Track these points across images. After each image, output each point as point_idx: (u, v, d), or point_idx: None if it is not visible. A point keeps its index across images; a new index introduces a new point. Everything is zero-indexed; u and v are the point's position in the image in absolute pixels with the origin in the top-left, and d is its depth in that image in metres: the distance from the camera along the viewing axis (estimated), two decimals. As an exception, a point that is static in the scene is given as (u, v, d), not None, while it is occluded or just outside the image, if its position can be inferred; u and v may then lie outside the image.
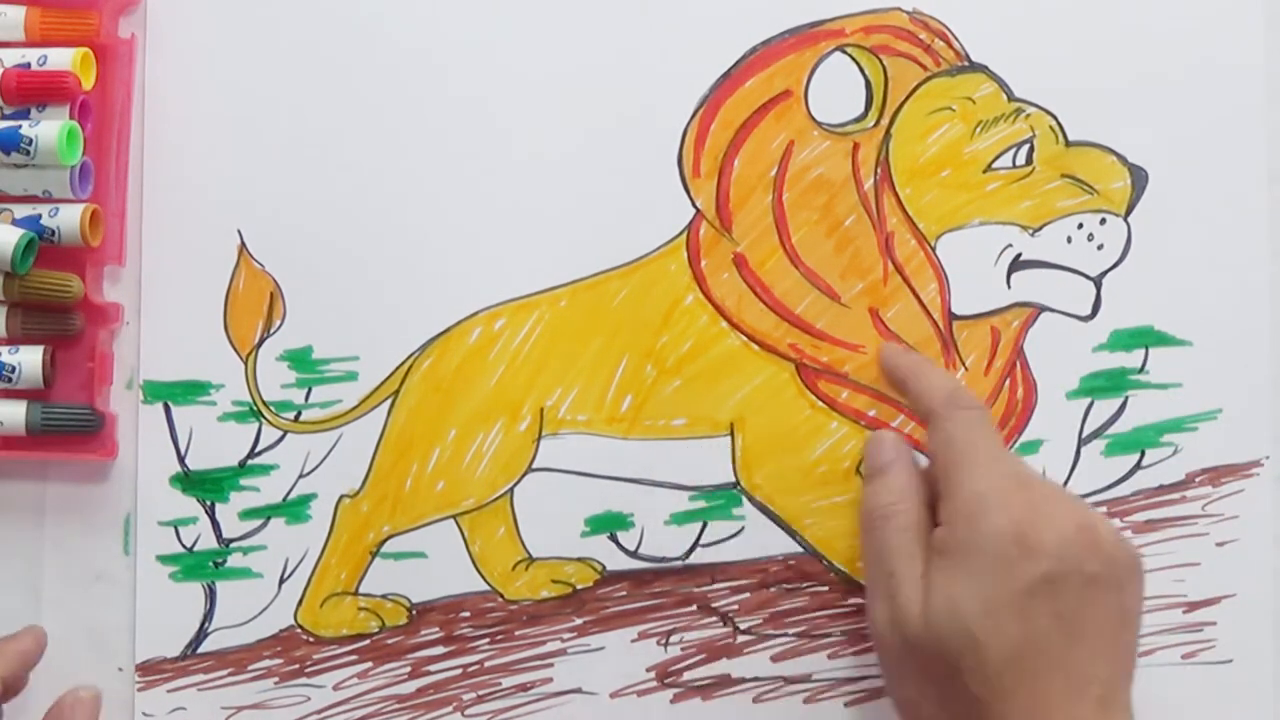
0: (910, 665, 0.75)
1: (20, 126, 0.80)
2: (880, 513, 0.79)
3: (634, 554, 0.86)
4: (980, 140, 0.86)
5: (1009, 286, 0.86)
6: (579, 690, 0.86)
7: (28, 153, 0.80)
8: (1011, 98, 0.86)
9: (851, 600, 0.86)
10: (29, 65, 0.82)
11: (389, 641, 0.86)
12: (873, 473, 0.81)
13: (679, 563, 0.86)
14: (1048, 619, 0.72)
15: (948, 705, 0.74)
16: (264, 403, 0.86)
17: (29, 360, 0.83)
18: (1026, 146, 0.86)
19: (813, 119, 0.86)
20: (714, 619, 0.86)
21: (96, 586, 0.86)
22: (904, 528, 0.77)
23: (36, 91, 0.82)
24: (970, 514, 0.74)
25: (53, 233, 0.82)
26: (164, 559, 0.86)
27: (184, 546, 0.86)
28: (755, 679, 0.86)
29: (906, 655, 0.75)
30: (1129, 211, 0.86)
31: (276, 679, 0.86)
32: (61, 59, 0.82)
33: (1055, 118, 0.86)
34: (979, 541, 0.73)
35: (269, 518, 0.86)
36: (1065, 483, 0.86)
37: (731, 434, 0.86)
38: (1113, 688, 0.73)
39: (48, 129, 0.80)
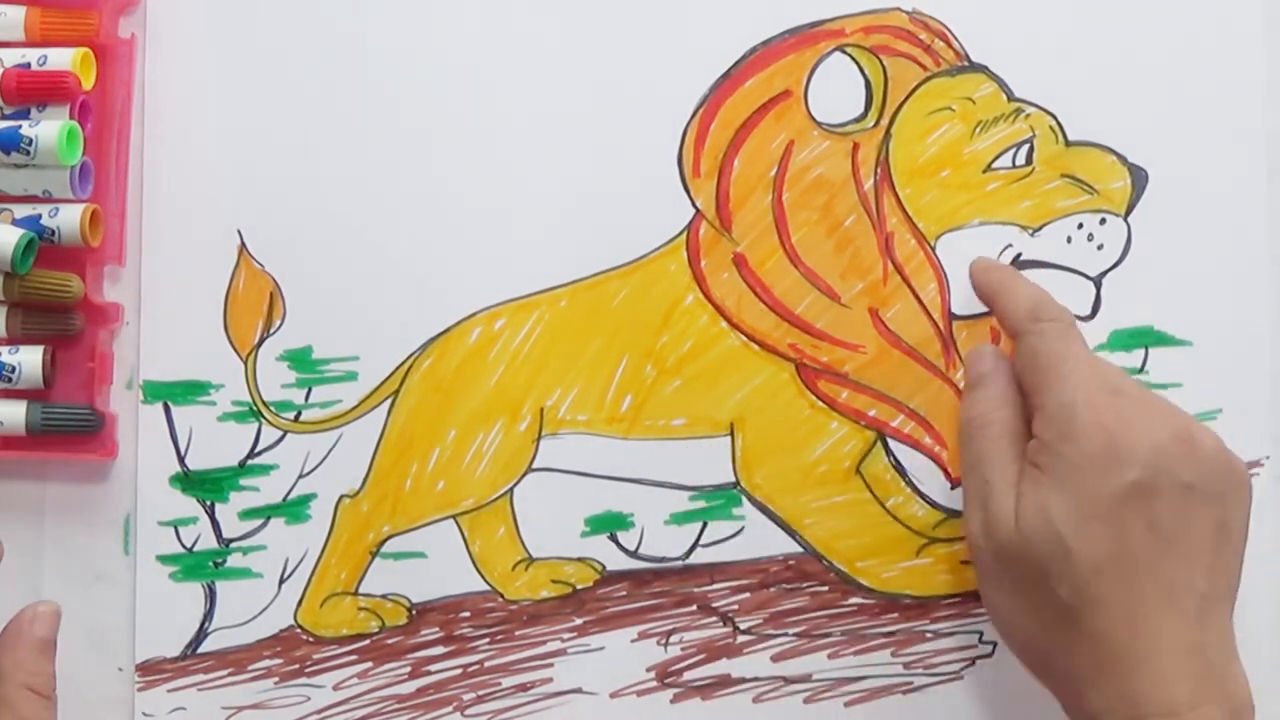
0: (1003, 573, 0.75)
1: (20, 126, 0.80)
2: (977, 422, 0.79)
3: (634, 554, 0.86)
4: (980, 140, 0.86)
5: (1009, 286, 0.86)
6: (579, 690, 0.86)
7: (28, 153, 0.80)
8: (1011, 98, 0.86)
9: (852, 600, 0.86)
10: (29, 65, 0.82)
11: (389, 641, 0.86)
12: (971, 383, 0.81)
13: (679, 563, 0.86)
14: (1140, 527, 0.72)
15: (1039, 612, 0.74)
16: (264, 403, 0.86)
17: (29, 360, 0.83)
18: (1026, 146, 0.86)
19: (813, 119, 0.86)
20: (714, 619, 0.86)
21: (96, 586, 0.86)
22: (998, 436, 0.77)
23: (36, 91, 0.82)
24: (1060, 424, 0.74)
25: (53, 233, 0.82)
26: (164, 559, 0.86)
27: (184, 546, 0.86)
28: (755, 679, 0.86)
29: (999, 563, 0.75)
30: (1129, 211, 0.86)
31: (276, 679, 0.86)
32: (61, 59, 0.82)
33: (1055, 118, 0.86)
34: (1068, 451, 0.73)
35: (269, 518, 0.86)
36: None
37: (731, 434, 0.86)
38: (1210, 601, 0.73)
39: (48, 129, 0.80)
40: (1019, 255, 0.85)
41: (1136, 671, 0.71)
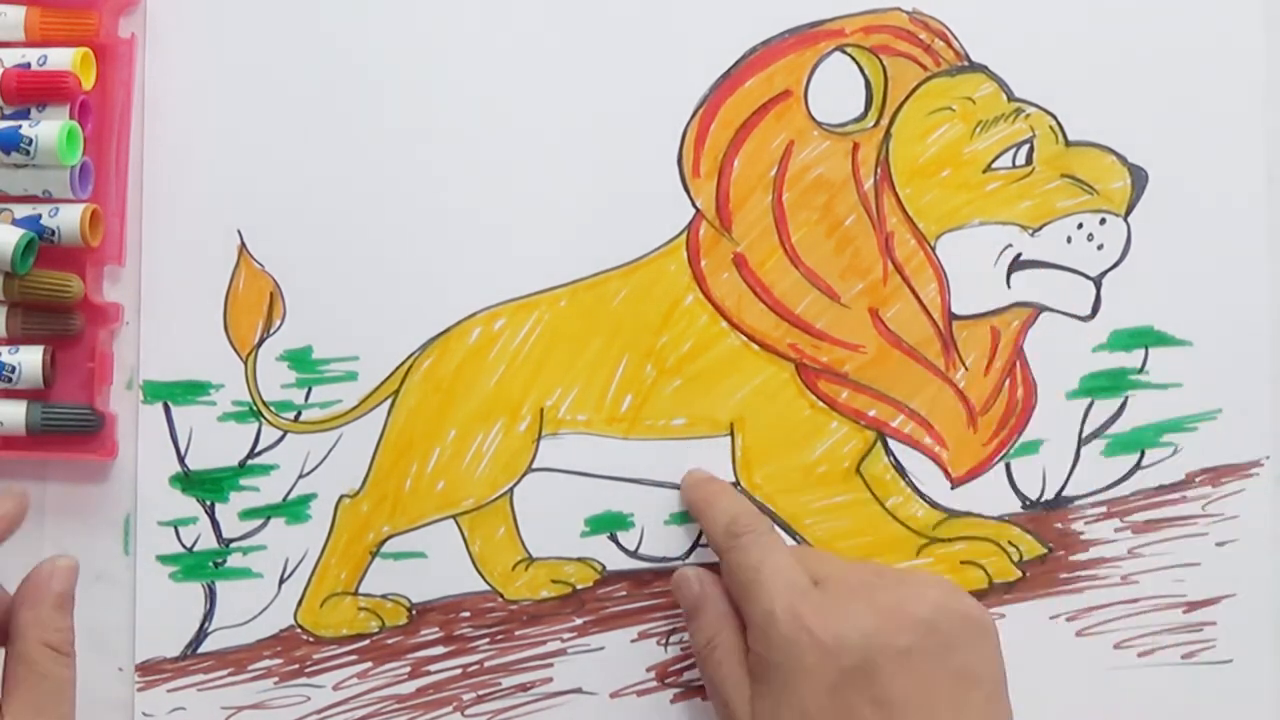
0: None
1: (20, 126, 0.80)
2: (705, 649, 0.79)
3: (634, 554, 0.86)
4: (980, 140, 0.86)
5: (1009, 286, 0.86)
6: (579, 690, 0.86)
7: (28, 153, 0.80)
8: (1011, 98, 0.86)
9: (851, 600, 0.86)
10: (29, 65, 0.82)
11: (389, 641, 0.86)
12: (688, 612, 0.81)
13: (679, 563, 0.86)
14: (867, 708, 0.72)
15: None
16: (264, 403, 0.86)
17: (29, 360, 0.83)
18: (1026, 146, 0.86)
19: (812, 119, 0.86)
20: (714, 619, 0.86)
21: (96, 586, 0.86)
22: (723, 659, 0.78)
23: (37, 91, 0.82)
24: (764, 634, 0.75)
25: (53, 233, 0.82)
26: (164, 559, 0.86)
27: (184, 546, 0.86)
28: (755, 679, 0.86)
29: None
30: (1129, 211, 0.86)
31: (276, 679, 0.86)
32: (61, 59, 0.82)
33: (1055, 118, 0.86)
34: (778, 658, 0.74)
35: (269, 518, 0.86)
36: (1065, 483, 0.86)
37: (731, 434, 0.86)
38: None
39: (48, 129, 0.80)
40: (1019, 255, 0.85)
41: None
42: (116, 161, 0.85)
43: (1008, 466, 0.86)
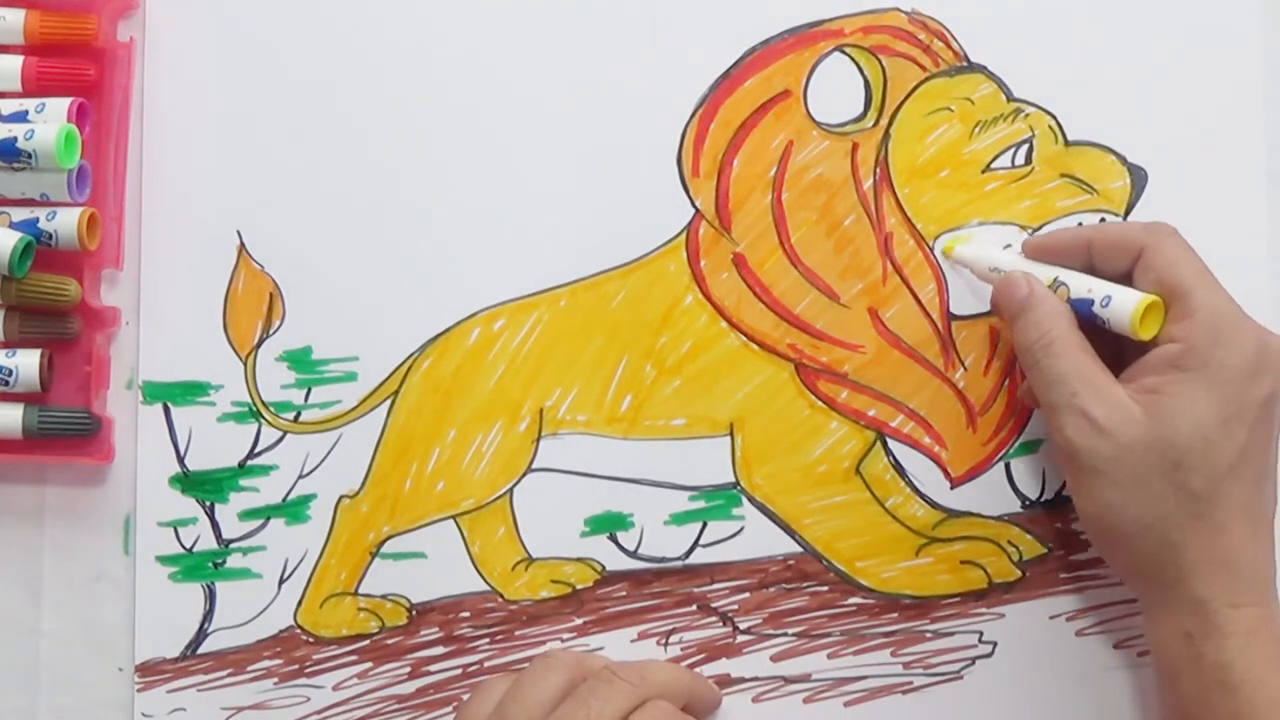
0: (1119, 469, 0.77)
1: (18, 131, 0.80)
2: (1039, 344, 0.79)
3: (634, 554, 0.86)
4: (979, 140, 0.86)
5: (1008, 286, 0.86)
6: (579, 690, 0.86)
7: (26, 156, 0.80)
8: (1010, 98, 0.86)
9: (851, 600, 0.86)
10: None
11: (389, 642, 0.86)
12: (1015, 313, 0.81)
13: (679, 563, 0.86)
14: (1272, 432, 0.78)
15: (1160, 503, 0.76)
16: (263, 403, 0.86)
17: (26, 363, 0.83)
18: (1025, 146, 0.86)
19: (812, 119, 0.86)
20: (714, 619, 0.86)
21: (96, 587, 0.86)
22: (1063, 352, 0.78)
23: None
24: (1212, 330, 0.77)
25: (50, 236, 0.82)
26: (164, 559, 0.86)
27: (184, 547, 0.86)
28: (755, 679, 0.86)
29: (1116, 459, 0.77)
30: (1128, 211, 0.86)
31: (276, 679, 0.86)
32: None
33: (1054, 118, 0.86)
34: (1220, 355, 0.76)
35: (268, 518, 0.86)
36: (1065, 483, 0.86)
37: (731, 434, 0.86)
38: None
39: (46, 132, 0.80)
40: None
41: (1244, 560, 0.76)
42: (115, 165, 0.85)
43: (1007, 466, 0.86)
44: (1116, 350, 0.79)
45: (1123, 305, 0.77)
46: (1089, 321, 0.79)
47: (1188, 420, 0.75)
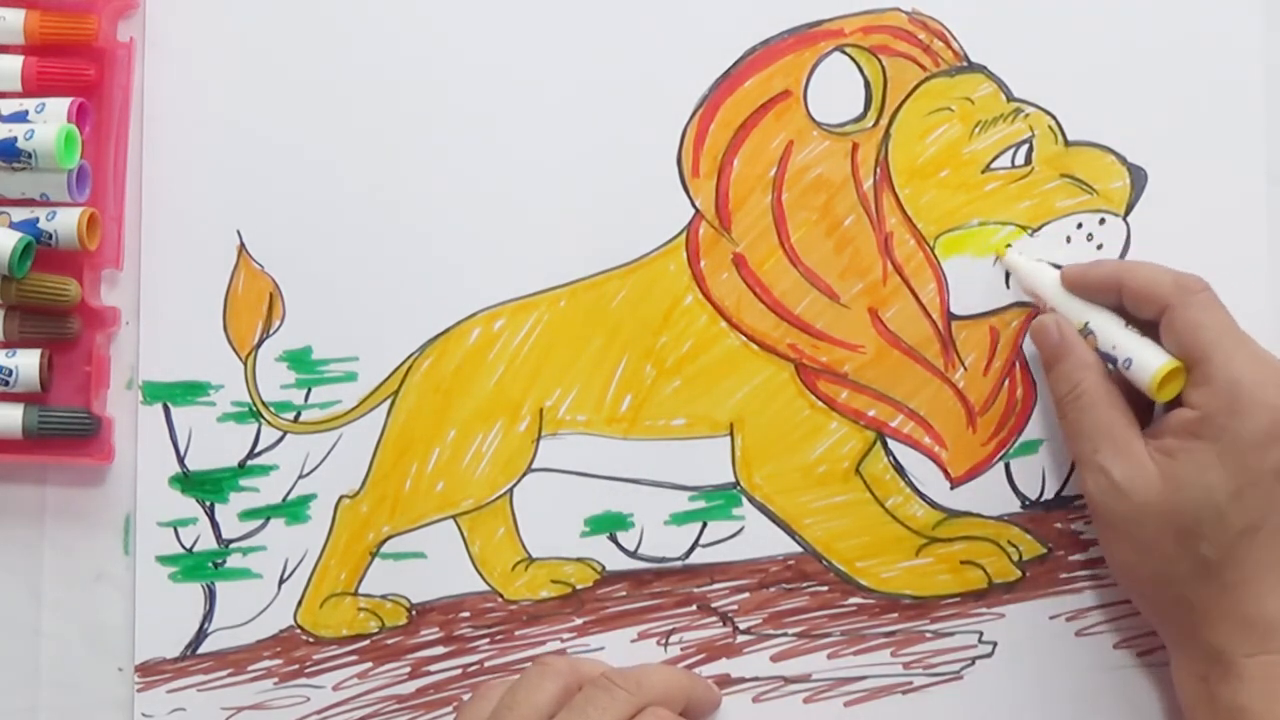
0: (1135, 528, 0.78)
1: (18, 130, 0.80)
2: (1069, 396, 0.81)
3: (634, 554, 0.86)
4: (979, 140, 0.86)
5: (1008, 286, 0.85)
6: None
7: (26, 156, 0.80)
8: (1010, 98, 0.86)
9: (851, 600, 0.86)
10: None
11: (389, 642, 0.86)
12: (1048, 360, 0.82)
13: (679, 563, 0.86)
14: None
15: (1173, 565, 0.78)
16: (263, 403, 0.86)
17: (26, 364, 0.83)
18: (1025, 146, 0.86)
19: (812, 119, 0.86)
20: (714, 619, 0.86)
21: (96, 587, 0.86)
22: (1091, 405, 0.80)
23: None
24: (1228, 399, 0.77)
25: (50, 236, 0.82)
26: (164, 559, 0.86)
27: (184, 547, 0.86)
28: (755, 679, 0.86)
29: (1132, 520, 0.78)
30: (1128, 211, 0.86)
31: (276, 679, 0.86)
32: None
33: (1054, 118, 0.86)
34: (1235, 425, 0.76)
35: (268, 518, 0.86)
36: (1065, 483, 0.86)
37: (731, 434, 0.86)
38: None
39: (46, 132, 0.80)
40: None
41: (1263, 613, 0.77)
42: (115, 165, 0.85)
43: (1007, 466, 0.86)
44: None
45: (1143, 370, 0.78)
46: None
47: (1199, 489, 0.76)
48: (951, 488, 0.86)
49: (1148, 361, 0.78)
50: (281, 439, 0.87)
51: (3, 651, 0.86)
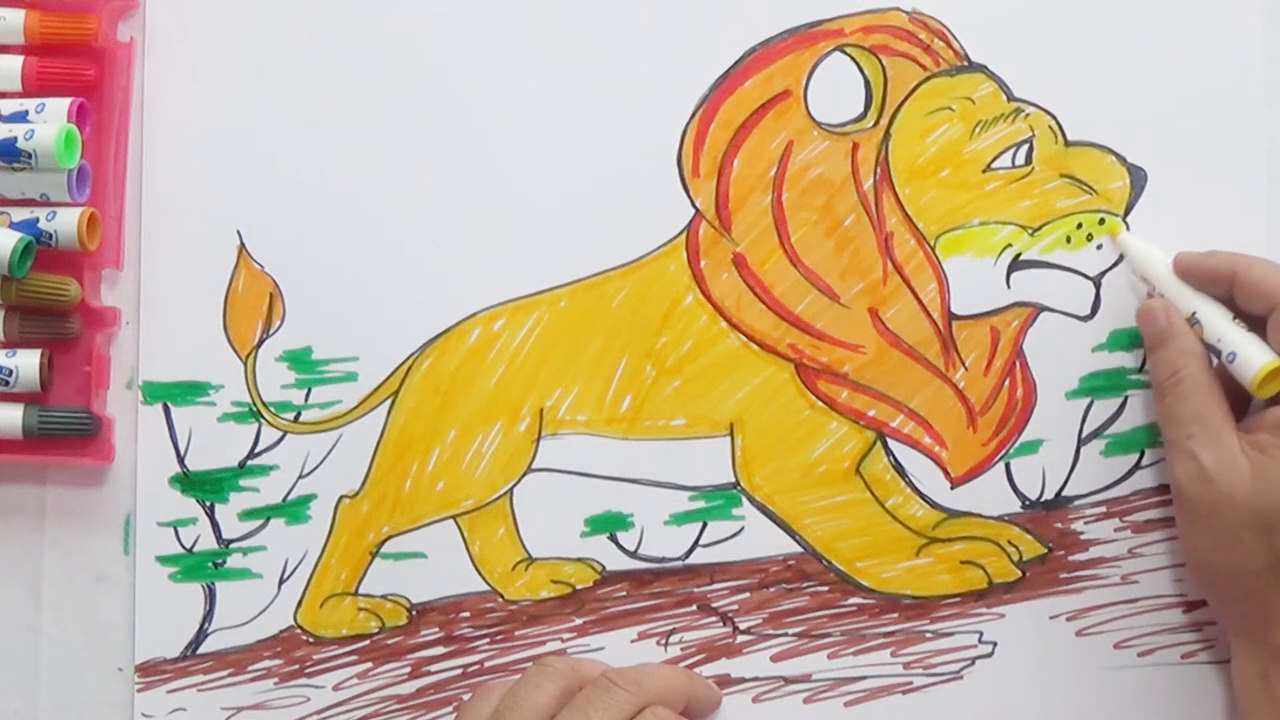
0: (1215, 518, 0.79)
1: (18, 131, 0.80)
2: (1169, 382, 0.81)
3: (634, 554, 0.86)
4: (979, 140, 0.86)
5: (1008, 286, 0.85)
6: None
7: (26, 156, 0.80)
8: (1011, 98, 0.86)
9: (851, 600, 0.86)
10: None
11: (389, 642, 0.86)
12: (1151, 345, 0.83)
13: (679, 563, 0.86)
14: None
15: (1251, 557, 0.78)
16: (263, 403, 0.86)
17: (26, 364, 0.83)
18: (1026, 146, 0.85)
19: (812, 119, 0.86)
20: (714, 619, 0.86)
21: (96, 587, 0.86)
22: (1189, 392, 0.80)
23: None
24: None
25: (50, 236, 0.82)
26: (164, 559, 0.86)
27: (184, 547, 0.86)
28: (755, 679, 0.86)
29: (1214, 509, 0.79)
30: (1128, 211, 0.86)
31: (276, 679, 0.86)
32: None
33: (1054, 117, 0.86)
34: None
35: (269, 518, 0.86)
36: (1065, 483, 0.86)
37: (731, 434, 0.86)
38: None
39: (46, 132, 0.80)
40: (1018, 255, 0.85)
41: None
42: (115, 165, 0.85)
43: (1007, 466, 0.86)
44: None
45: (1246, 365, 0.79)
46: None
47: None
48: (952, 488, 0.86)
49: (1252, 358, 0.79)
50: (281, 439, 0.87)
51: (3, 651, 0.86)
